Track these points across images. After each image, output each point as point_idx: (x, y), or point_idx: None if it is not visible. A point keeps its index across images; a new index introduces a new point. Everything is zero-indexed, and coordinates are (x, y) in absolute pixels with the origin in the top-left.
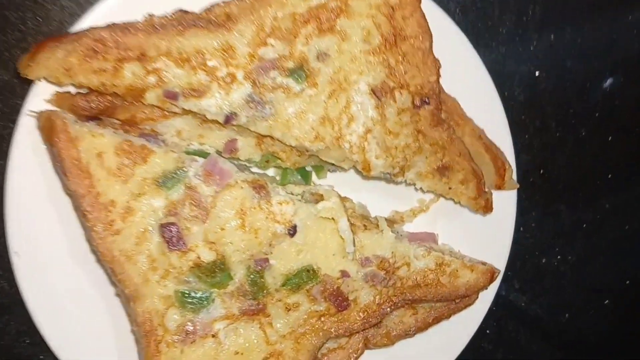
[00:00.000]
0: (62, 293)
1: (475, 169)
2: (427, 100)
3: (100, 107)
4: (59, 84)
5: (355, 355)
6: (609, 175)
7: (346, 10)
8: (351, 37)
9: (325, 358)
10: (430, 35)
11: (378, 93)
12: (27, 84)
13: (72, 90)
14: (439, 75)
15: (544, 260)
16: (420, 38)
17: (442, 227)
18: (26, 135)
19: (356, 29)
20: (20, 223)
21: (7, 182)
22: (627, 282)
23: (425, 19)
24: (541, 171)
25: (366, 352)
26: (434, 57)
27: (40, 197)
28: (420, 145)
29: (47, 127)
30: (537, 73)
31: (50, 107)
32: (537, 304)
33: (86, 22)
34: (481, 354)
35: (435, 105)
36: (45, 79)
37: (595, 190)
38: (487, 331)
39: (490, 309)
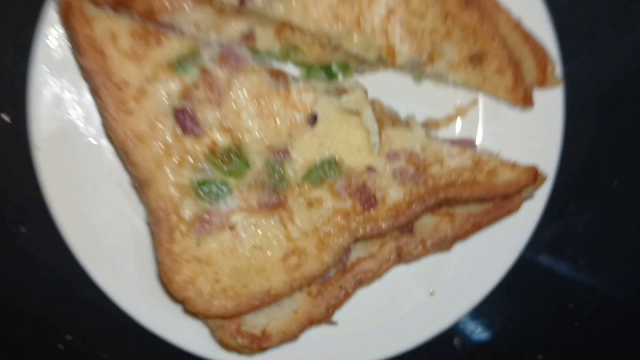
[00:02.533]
0: (80, 184)
1: (512, 56)
2: None
3: None
4: None
5: (387, 265)
6: None
7: None
8: None
9: (356, 267)
10: None
11: None
12: None
13: None
14: None
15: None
16: None
17: (482, 134)
18: (50, 28)
19: None
20: (41, 116)
21: (30, 74)
22: None
23: None
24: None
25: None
26: None
27: (64, 92)
28: (449, 29)
29: (65, 9)
30: None
31: None
32: None
33: None
34: None
35: None
36: None
37: None
38: None
39: None
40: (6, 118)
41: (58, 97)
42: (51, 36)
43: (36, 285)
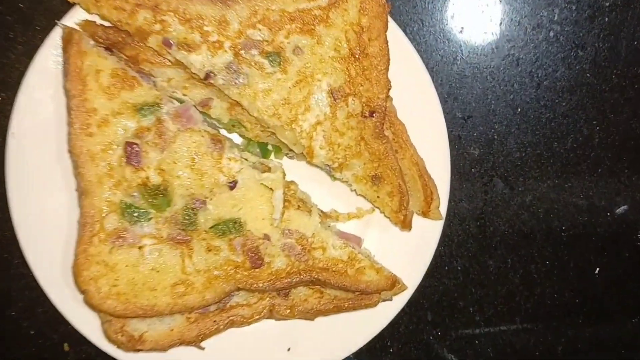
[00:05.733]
0: (38, 177)
1: (402, 187)
2: (373, 113)
3: (113, 40)
4: (88, 12)
5: (258, 317)
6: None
7: (326, 20)
8: (324, 43)
9: (233, 310)
10: (388, 60)
11: (335, 94)
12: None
13: (98, 20)
14: (387, 95)
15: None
16: (379, 59)
17: (370, 237)
18: (51, 47)
19: (330, 37)
20: (24, 109)
21: (28, 72)
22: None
23: (387, 45)
24: (477, 222)
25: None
26: (387, 78)
27: (46, 96)
28: (360, 150)
29: (67, 38)
30: (494, 136)
31: (77, 27)
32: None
33: None
34: None
35: (379, 119)
36: (79, 4)
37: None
38: None
39: None
40: None
41: (42, 101)
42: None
43: None
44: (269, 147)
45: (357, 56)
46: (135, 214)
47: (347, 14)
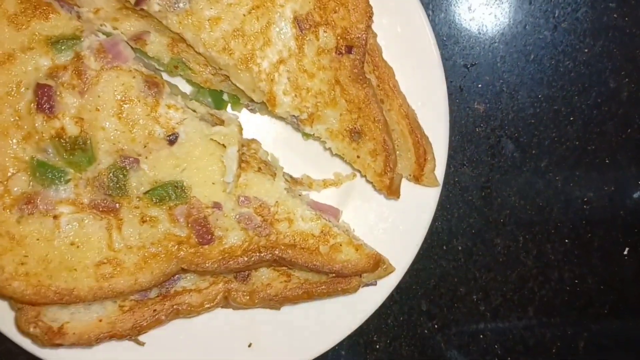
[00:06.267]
0: None
1: (387, 143)
2: (351, 48)
3: None
4: None
5: (210, 305)
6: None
7: None
8: None
9: (179, 297)
10: None
11: (301, 24)
12: None
13: None
14: (369, 25)
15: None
16: None
17: (350, 208)
18: None
19: None
20: None
21: None
22: None
23: None
24: (482, 192)
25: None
26: (368, 3)
27: None
28: (335, 97)
29: None
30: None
31: None
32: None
33: None
34: None
35: (359, 57)
36: None
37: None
38: None
39: None
40: None
41: None
42: None
43: None
44: (224, 97)
45: None
46: (49, 174)
47: None
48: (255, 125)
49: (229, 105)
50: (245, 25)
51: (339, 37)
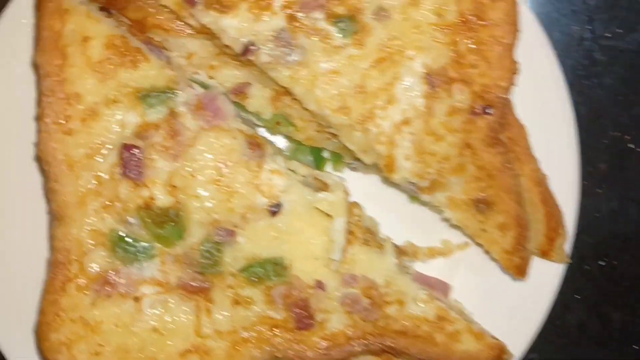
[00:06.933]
0: None
1: (522, 217)
2: (489, 108)
3: None
4: None
5: None
6: None
7: None
8: (423, 3)
9: None
10: (516, 31)
11: (433, 80)
12: None
13: None
14: (512, 83)
15: None
16: (505, 30)
17: (460, 282)
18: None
19: None
20: None
21: None
22: None
23: (516, 10)
24: (601, 262)
25: None
26: (514, 58)
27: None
28: (463, 163)
29: None
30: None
31: None
32: None
33: None
34: None
35: (498, 118)
36: None
37: None
38: None
39: None
40: None
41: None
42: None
43: None
44: (325, 154)
45: (470, 24)
46: (133, 250)
47: None
48: (351, 183)
49: (330, 163)
50: (366, 80)
51: (475, 96)
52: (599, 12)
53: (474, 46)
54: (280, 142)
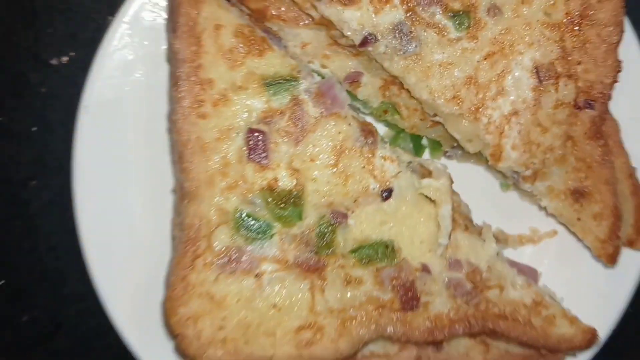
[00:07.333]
0: (114, 167)
1: (617, 208)
2: (592, 103)
3: None
4: None
5: None
6: None
7: None
8: (533, 1)
9: None
10: (622, 31)
11: (542, 73)
12: None
13: None
14: (615, 80)
15: None
16: (611, 29)
17: (548, 269)
18: None
19: None
20: (103, 76)
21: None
22: None
23: (622, 11)
24: None
25: None
26: (617, 57)
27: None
28: (565, 154)
29: None
30: None
31: None
32: None
33: None
34: None
35: (600, 113)
36: None
37: None
38: None
39: None
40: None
41: (128, 65)
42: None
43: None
44: (424, 142)
45: (577, 22)
46: (255, 228)
47: None
48: None
49: (428, 151)
50: (478, 72)
51: (580, 91)
52: None
53: (580, 44)
54: (381, 129)
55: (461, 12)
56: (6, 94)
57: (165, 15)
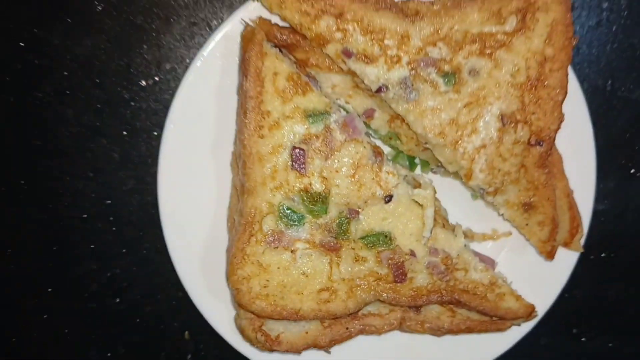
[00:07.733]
0: (190, 167)
1: (555, 218)
2: (541, 142)
3: (287, 42)
4: (269, 11)
5: (388, 328)
6: None
7: (508, 45)
8: (503, 67)
9: (365, 318)
10: (566, 92)
11: (505, 119)
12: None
13: (274, 20)
14: (559, 128)
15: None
16: (557, 91)
17: (503, 259)
18: (223, 39)
19: (509, 63)
20: (188, 96)
21: (195, 60)
22: None
23: (567, 78)
24: (602, 254)
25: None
26: (562, 111)
27: (209, 89)
28: (519, 177)
29: (248, 36)
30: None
31: (251, 24)
32: None
33: None
34: None
35: (546, 150)
36: (261, 2)
37: None
38: None
39: None
40: (150, 82)
41: (206, 92)
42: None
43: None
44: (416, 160)
45: (534, 85)
46: (292, 218)
47: (532, 42)
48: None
49: (419, 167)
50: (459, 116)
51: (532, 133)
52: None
53: (535, 100)
54: (385, 150)
55: (449, 73)
56: (105, 106)
57: (233, 56)
